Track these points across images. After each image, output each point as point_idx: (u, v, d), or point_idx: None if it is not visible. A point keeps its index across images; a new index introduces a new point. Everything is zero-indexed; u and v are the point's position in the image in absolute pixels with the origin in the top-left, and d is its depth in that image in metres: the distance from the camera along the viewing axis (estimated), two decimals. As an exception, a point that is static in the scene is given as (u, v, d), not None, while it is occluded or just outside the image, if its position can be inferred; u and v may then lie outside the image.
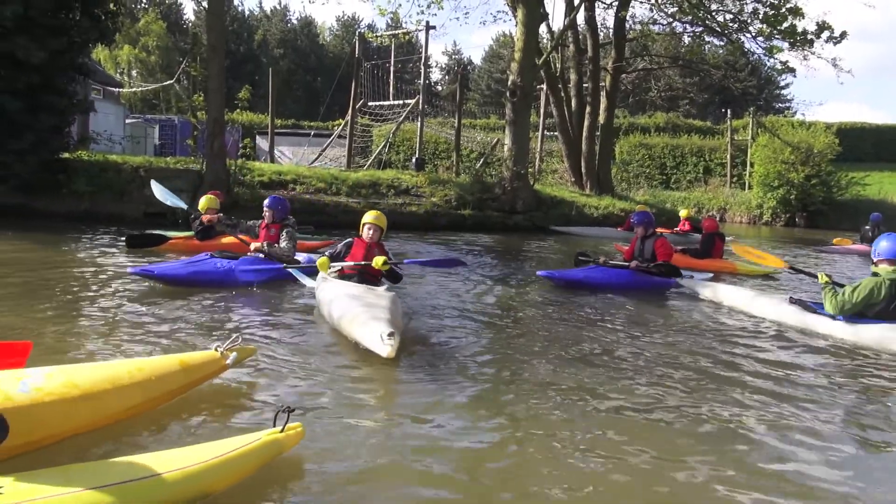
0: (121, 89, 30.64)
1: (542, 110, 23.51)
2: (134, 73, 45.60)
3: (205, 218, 9.10)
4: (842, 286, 5.83)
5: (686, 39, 26.18)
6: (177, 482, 2.32)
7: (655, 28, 24.28)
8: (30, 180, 12.59)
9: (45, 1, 12.04)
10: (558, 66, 22.15)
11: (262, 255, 7.35)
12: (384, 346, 4.14)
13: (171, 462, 2.38)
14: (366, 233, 6.16)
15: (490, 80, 57.72)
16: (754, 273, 9.79)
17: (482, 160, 22.85)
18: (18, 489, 2.08)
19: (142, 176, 14.02)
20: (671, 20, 23.09)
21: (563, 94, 21.70)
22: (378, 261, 5.76)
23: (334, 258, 6.13)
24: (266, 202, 7.71)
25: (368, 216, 6.28)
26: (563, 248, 13.01)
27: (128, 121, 28.39)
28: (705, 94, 48.58)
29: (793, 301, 6.38)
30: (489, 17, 45.46)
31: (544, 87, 22.06)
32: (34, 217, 12.33)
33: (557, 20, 31.31)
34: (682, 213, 16.02)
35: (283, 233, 7.47)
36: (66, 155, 13.90)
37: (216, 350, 3.58)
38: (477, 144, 25.66)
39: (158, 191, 8.89)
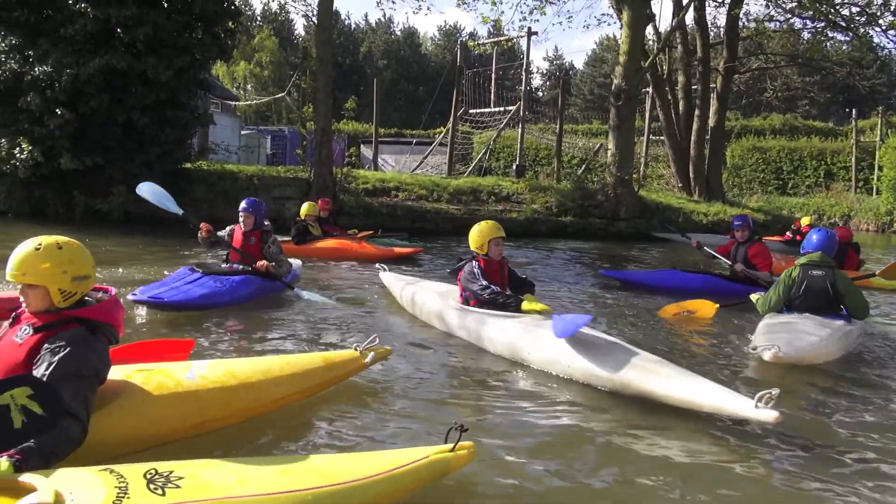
0: (237, 102, 32.48)
1: (647, 114, 22.82)
2: (249, 87, 48.18)
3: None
4: None
5: (805, 36, 24.62)
6: (342, 494, 2.25)
7: (771, 25, 22.98)
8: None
9: (172, 23, 12.96)
10: (665, 68, 21.40)
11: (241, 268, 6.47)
12: (765, 412, 3.11)
13: (338, 472, 2.33)
14: (494, 250, 5.19)
15: (593, 85, 56.73)
16: (891, 288, 8.76)
17: (584, 166, 22.47)
18: (198, 484, 2.12)
19: (255, 184, 14.78)
20: (789, 16, 21.79)
21: (670, 98, 20.94)
22: (535, 305, 4.82)
23: (490, 293, 4.99)
24: (244, 205, 6.67)
25: (493, 229, 5.22)
26: (669, 255, 12.53)
27: (242, 132, 30.01)
28: (827, 93, 45.45)
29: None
30: (593, 21, 44.97)
31: (650, 90, 21.41)
32: (160, 223, 13.22)
33: (664, 21, 30.33)
34: (804, 220, 15.03)
35: (271, 244, 6.58)
36: (188, 165, 14.87)
37: (356, 349, 3.83)
38: (579, 150, 25.26)
39: (151, 193, 6.89)
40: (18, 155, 12.25)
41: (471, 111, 22.92)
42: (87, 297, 2.72)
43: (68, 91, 12.04)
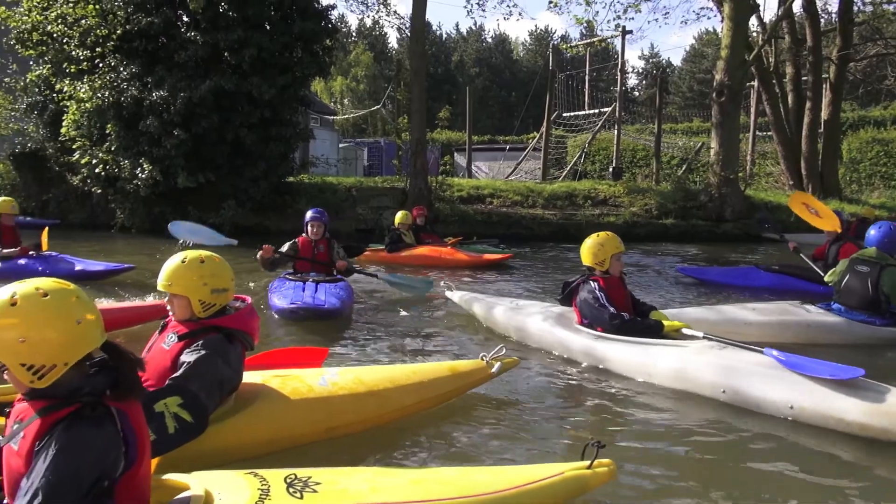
0: (334, 117, 33.61)
1: (752, 109, 21.71)
2: (345, 101, 49.74)
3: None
4: None
5: (931, 17, 22.67)
6: None
7: (890, 7, 21.31)
8: (262, 202, 14.20)
9: (274, 44, 13.61)
10: (771, 60, 20.28)
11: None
12: None
13: (470, 485, 2.30)
14: (616, 265, 4.63)
15: (692, 82, 54.65)
16: None
17: (685, 166, 21.66)
18: (334, 490, 2.19)
19: (353, 195, 15.23)
20: (911, -4, 20.13)
21: (777, 91, 19.81)
22: (674, 323, 4.42)
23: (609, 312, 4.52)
24: (314, 214, 6.73)
25: (616, 242, 4.68)
26: (785, 258, 11.82)
27: (340, 145, 31.01)
28: (957, 77, 41.58)
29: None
30: (691, 16, 43.16)
31: (755, 84, 20.35)
32: (267, 234, 13.87)
33: (770, 10, 28.76)
34: None
35: (339, 249, 6.73)
36: (291, 179, 15.52)
37: (482, 359, 3.80)
38: (678, 150, 24.36)
39: (189, 231, 6.53)
40: (140, 175, 13.20)
41: (564, 114, 22.61)
42: (226, 307, 2.92)
43: (182, 113, 12.87)
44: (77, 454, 1.67)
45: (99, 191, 14.46)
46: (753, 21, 19.16)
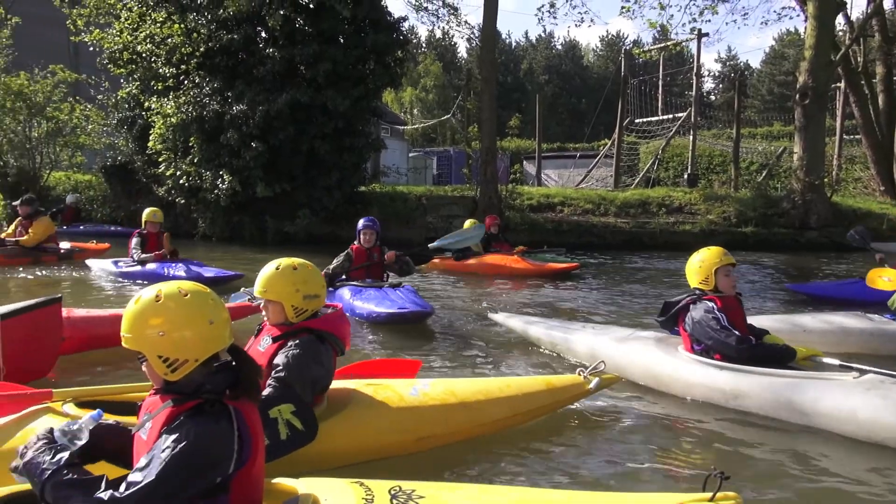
0: (404, 127, 34.07)
1: (839, 112, 20.66)
2: (415, 111, 50.36)
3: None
4: None
5: None
6: None
7: None
8: (335, 211, 14.52)
9: (348, 57, 13.95)
10: (860, 59, 19.28)
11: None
12: None
13: None
14: (724, 282, 4.08)
15: (772, 84, 52.62)
16: None
17: (765, 172, 20.82)
18: (441, 499, 2.19)
19: (424, 204, 15.36)
20: None
21: (866, 92, 18.82)
22: (803, 349, 3.99)
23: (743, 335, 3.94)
24: (367, 222, 6.86)
25: (718, 255, 4.11)
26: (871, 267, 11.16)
27: (410, 154, 31.39)
28: None
29: None
30: (772, 16, 41.38)
31: (841, 85, 19.38)
32: (340, 243, 14.13)
33: (857, 7, 27.40)
34: None
35: (395, 255, 6.81)
36: (363, 188, 15.80)
37: (579, 374, 3.65)
38: (758, 155, 23.44)
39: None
40: (220, 185, 13.74)
41: (637, 120, 22.16)
42: (317, 312, 3.04)
43: (261, 126, 13.32)
44: (192, 444, 1.77)
45: (182, 201, 15.14)
46: (840, 19, 18.28)
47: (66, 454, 1.87)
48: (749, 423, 3.66)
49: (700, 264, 4.09)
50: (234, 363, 2.02)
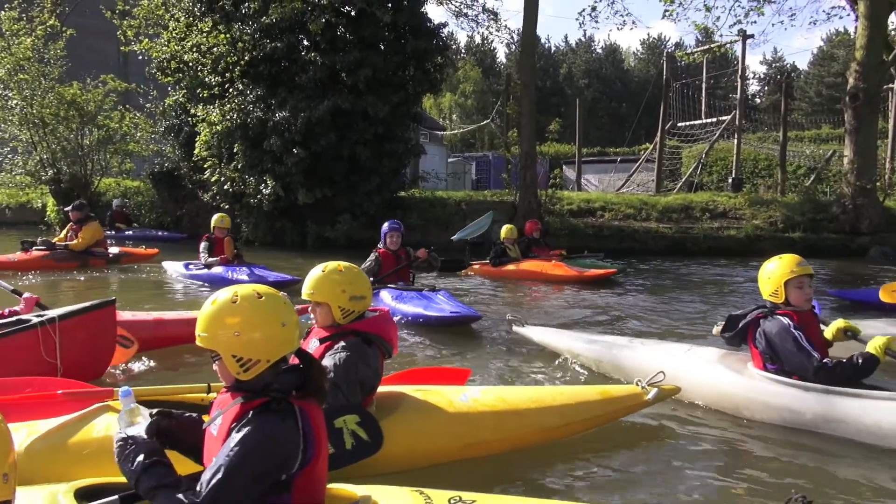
0: (443, 132, 34.16)
1: (892, 114, 19.99)
2: (454, 116, 50.50)
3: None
4: None
5: None
6: None
7: None
8: (375, 216, 14.62)
9: (388, 63, 14.07)
10: (913, 59, 18.64)
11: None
12: None
13: None
14: (796, 294, 3.67)
15: (820, 86, 51.22)
16: None
17: (814, 176, 20.27)
18: None
19: (463, 209, 15.36)
20: None
21: (921, 92, 18.18)
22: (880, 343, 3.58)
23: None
24: (394, 225, 6.95)
25: (791, 264, 3.70)
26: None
27: (449, 160, 31.45)
28: None
29: None
30: (820, 16, 40.33)
31: (894, 86, 18.77)
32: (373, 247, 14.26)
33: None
34: None
35: (416, 255, 6.92)
36: (403, 193, 15.89)
37: (637, 384, 3.50)
38: (806, 159, 22.82)
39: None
40: (263, 191, 13.98)
41: (679, 124, 21.81)
42: (364, 313, 3.08)
43: (303, 132, 13.52)
44: (259, 440, 1.85)
45: (226, 206, 15.42)
46: (892, 18, 17.71)
47: (144, 450, 1.95)
48: (831, 447, 3.38)
49: (769, 274, 3.72)
50: (301, 366, 2.08)
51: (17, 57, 16.01)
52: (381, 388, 3.10)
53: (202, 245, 9.17)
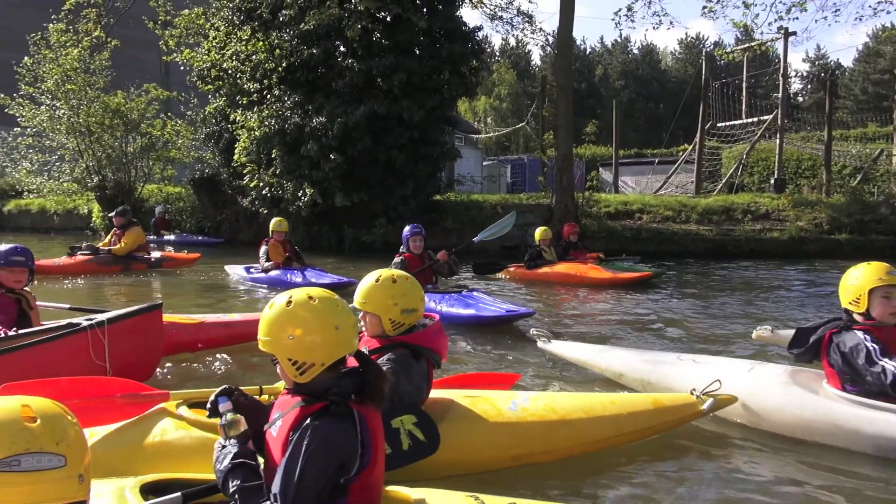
0: (478, 135, 34.15)
1: (943, 110, 19.33)
2: (489, 119, 50.45)
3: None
4: None
5: None
6: None
7: None
8: (411, 220, 14.65)
9: (423, 67, 14.12)
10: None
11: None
12: None
13: None
14: (882, 307, 3.30)
15: (866, 83, 49.81)
16: None
17: (860, 175, 19.71)
18: None
19: (499, 212, 15.31)
20: None
21: (974, 88, 17.54)
22: None
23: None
24: (416, 228, 6.99)
25: (879, 271, 3.33)
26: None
27: (484, 163, 31.40)
28: None
29: None
30: (866, 11, 39.05)
31: (946, 81, 18.17)
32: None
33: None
34: None
35: (437, 258, 6.93)
36: (438, 197, 15.91)
37: (691, 393, 3.34)
38: (851, 158, 22.20)
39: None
40: (301, 196, 14.15)
41: (719, 124, 21.43)
42: (415, 325, 3.01)
43: (339, 137, 13.64)
44: (319, 445, 1.87)
45: (265, 211, 15.67)
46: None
47: (230, 457, 2.01)
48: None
49: (854, 281, 3.37)
50: (360, 369, 2.09)
51: (64, 68, 16.51)
52: (431, 394, 3.05)
53: (262, 249, 9.34)
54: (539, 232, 10.15)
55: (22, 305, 4.23)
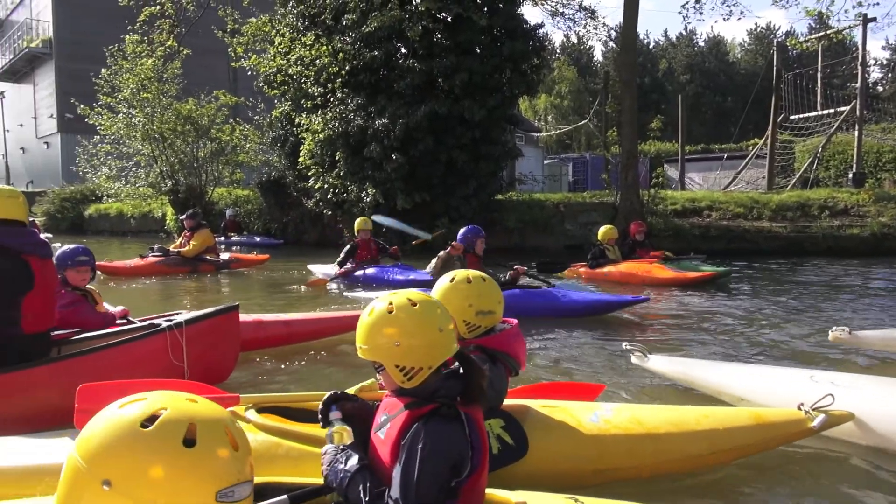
0: (539, 134, 33.85)
1: None
2: (549, 117, 49.93)
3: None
4: None
5: None
6: None
7: None
8: (472, 219, 14.65)
9: (484, 66, 14.07)
10: None
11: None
12: None
13: None
14: None
15: (952, 70, 46.89)
16: None
17: (948, 168, 18.59)
18: None
19: (562, 211, 15.13)
20: None
21: None
22: None
23: None
24: (481, 233, 7.17)
25: None
26: None
27: (545, 161, 31.11)
28: None
29: None
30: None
31: None
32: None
33: None
34: None
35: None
36: (500, 196, 15.84)
37: (799, 408, 3.03)
38: (938, 149, 20.96)
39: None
40: (364, 197, 14.32)
41: (792, 117, 20.55)
42: (493, 327, 2.88)
43: (401, 138, 13.75)
44: (433, 449, 1.85)
45: (329, 212, 15.95)
46: None
47: (355, 458, 1.99)
48: None
49: None
50: (461, 370, 2.06)
51: (139, 77, 17.23)
52: (506, 402, 2.90)
53: (345, 249, 9.51)
54: (603, 231, 9.96)
55: (88, 301, 4.51)
